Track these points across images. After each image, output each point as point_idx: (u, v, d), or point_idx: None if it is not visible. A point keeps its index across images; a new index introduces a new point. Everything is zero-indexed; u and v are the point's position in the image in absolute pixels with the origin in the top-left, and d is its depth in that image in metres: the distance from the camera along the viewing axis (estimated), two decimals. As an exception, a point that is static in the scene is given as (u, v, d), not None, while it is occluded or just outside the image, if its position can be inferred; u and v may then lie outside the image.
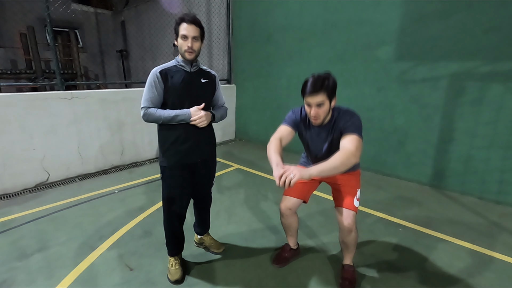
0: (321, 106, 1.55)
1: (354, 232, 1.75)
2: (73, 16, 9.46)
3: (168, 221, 1.91)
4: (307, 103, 1.58)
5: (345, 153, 1.46)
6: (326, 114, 1.60)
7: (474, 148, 3.13)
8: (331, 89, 1.54)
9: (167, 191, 1.86)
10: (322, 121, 1.62)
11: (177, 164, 1.79)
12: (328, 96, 1.54)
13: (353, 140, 1.51)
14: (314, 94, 1.52)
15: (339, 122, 1.62)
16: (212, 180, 2.06)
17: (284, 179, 1.35)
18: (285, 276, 1.98)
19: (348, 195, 1.76)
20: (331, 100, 1.58)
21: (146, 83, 1.70)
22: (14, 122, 3.14)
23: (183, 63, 1.73)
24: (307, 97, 1.55)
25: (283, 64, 4.76)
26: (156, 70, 1.69)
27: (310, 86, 1.52)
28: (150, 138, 4.44)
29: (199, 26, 1.66)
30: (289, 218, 1.96)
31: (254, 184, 3.56)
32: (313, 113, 1.57)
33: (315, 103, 1.54)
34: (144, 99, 1.70)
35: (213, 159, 2.02)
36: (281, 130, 1.75)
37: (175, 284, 1.89)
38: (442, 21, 3.13)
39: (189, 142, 1.77)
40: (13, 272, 1.98)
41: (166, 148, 1.78)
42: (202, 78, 1.78)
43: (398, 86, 3.58)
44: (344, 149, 1.49)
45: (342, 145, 1.54)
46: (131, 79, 10.08)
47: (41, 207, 2.91)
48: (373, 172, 3.95)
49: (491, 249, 2.29)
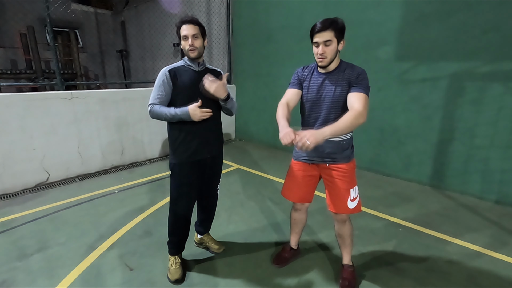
0: (329, 45, 1.53)
1: (348, 222, 1.77)
2: (73, 16, 9.45)
3: (174, 218, 1.93)
4: (315, 42, 1.56)
5: (355, 113, 1.47)
6: (333, 55, 1.57)
7: (474, 148, 3.13)
8: (339, 29, 1.53)
9: (176, 188, 1.88)
10: (329, 61, 1.58)
11: (187, 161, 1.82)
12: (336, 35, 1.52)
13: (362, 99, 1.51)
14: (322, 31, 1.51)
15: (348, 71, 1.60)
16: (219, 177, 2.09)
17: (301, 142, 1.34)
18: (285, 276, 1.98)
19: (339, 198, 1.73)
20: (339, 41, 1.56)
21: (155, 82, 1.76)
22: (14, 122, 3.14)
23: (191, 62, 1.79)
24: (316, 35, 1.54)
25: (283, 64, 4.76)
26: (165, 70, 1.75)
27: (319, 24, 1.52)
28: (150, 138, 4.44)
29: (197, 24, 1.71)
30: (301, 214, 1.99)
31: (254, 184, 3.56)
32: (320, 51, 1.55)
33: (322, 40, 1.52)
34: (152, 96, 1.76)
35: (221, 156, 2.05)
36: (288, 94, 1.77)
37: (175, 283, 1.89)
38: (442, 21, 3.14)
39: (199, 139, 1.81)
40: (13, 272, 1.98)
41: (177, 145, 1.82)
42: (209, 76, 1.81)
43: (398, 86, 3.58)
44: (353, 110, 1.49)
45: (350, 103, 1.53)
46: (131, 79, 10.07)
47: (41, 207, 2.91)
48: (373, 172, 3.95)
49: (491, 249, 2.29)
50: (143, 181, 3.66)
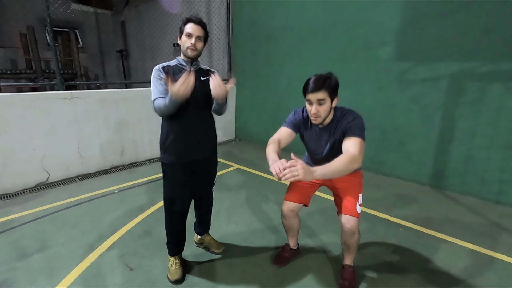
0: (322, 104, 1.53)
1: (357, 234, 1.74)
2: (73, 16, 9.46)
3: (169, 220, 1.91)
4: (308, 100, 1.56)
5: (348, 157, 1.43)
6: (327, 113, 1.58)
7: (474, 148, 3.13)
8: (332, 87, 1.53)
9: (169, 189, 1.86)
10: (322, 120, 1.59)
11: (178, 162, 1.79)
12: (330, 94, 1.53)
13: (356, 143, 1.49)
14: (315, 91, 1.51)
15: (341, 123, 1.60)
16: (213, 179, 2.06)
17: (287, 172, 1.30)
18: (285, 276, 1.98)
19: (349, 201, 1.73)
20: (332, 99, 1.56)
21: (151, 81, 1.73)
22: (14, 122, 3.14)
23: (184, 62, 1.77)
24: (309, 94, 1.54)
25: (283, 64, 4.75)
26: (159, 66, 1.74)
27: (312, 83, 1.52)
28: (150, 138, 4.44)
29: (204, 28, 1.71)
30: (291, 220, 1.96)
31: (254, 184, 3.56)
32: (313, 111, 1.55)
33: (316, 99, 1.52)
34: (153, 92, 1.71)
35: (214, 158, 2.01)
36: (281, 131, 1.75)
37: (175, 284, 1.89)
38: (442, 21, 3.14)
39: (189, 139, 1.78)
40: (13, 272, 1.98)
41: (167, 145, 1.79)
42: (202, 76, 1.80)
43: (398, 86, 3.58)
44: (347, 153, 1.46)
45: (345, 148, 1.51)
46: (131, 79, 10.07)
47: (41, 207, 2.91)
48: (373, 172, 3.95)
49: (491, 249, 2.29)
50: (143, 181, 3.66)
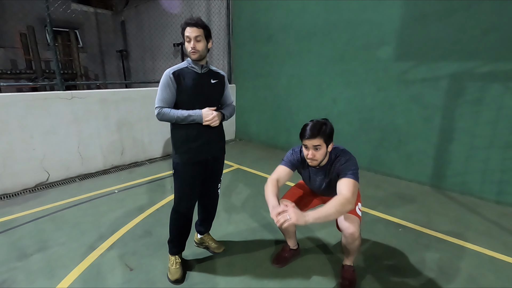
0: (318, 149, 1.63)
1: (358, 239, 1.76)
2: (73, 16, 9.43)
3: (176, 217, 1.93)
4: (305, 145, 1.66)
5: (341, 200, 1.52)
6: (323, 157, 1.67)
7: (474, 148, 3.13)
8: (328, 134, 1.63)
9: (179, 187, 1.90)
10: (318, 163, 1.69)
11: (189, 161, 1.84)
12: (325, 140, 1.62)
13: (349, 185, 1.57)
14: (311, 138, 1.60)
15: (335, 164, 1.70)
16: (220, 176, 2.10)
17: (280, 218, 1.45)
18: (285, 276, 1.98)
19: None
20: (328, 144, 1.66)
21: (159, 84, 1.77)
22: (14, 122, 3.14)
23: (194, 64, 1.81)
24: (305, 140, 1.64)
25: (283, 64, 4.75)
26: (170, 72, 1.76)
27: (308, 131, 1.62)
28: (150, 138, 4.44)
29: (202, 27, 1.72)
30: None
31: (254, 184, 3.56)
32: (310, 155, 1.64)
33: (312, 145, 1.62)
34: (158, 99, 1.77)
35: (223, 156, 2.07)
36: (279, 170, 1.82)
37: (175, 283, 1.89)
38: (442, 21, 3.14)
39: (200, 140, 1.83)
40: (13, 272, 1.98)
41: (179, 146, 1.84)
42: (212, 79, 1.86)
43: (398, 86, 3.57)
44: (340, 196, 1.55)
45: (338, 190, 1.60)
46: (131, 79, 10.07)
47: (41, 207, 2.91)
48: (373, 172, 3.94)
49: (491, 249, 2.29)
50: (143, 181, 3.66)
